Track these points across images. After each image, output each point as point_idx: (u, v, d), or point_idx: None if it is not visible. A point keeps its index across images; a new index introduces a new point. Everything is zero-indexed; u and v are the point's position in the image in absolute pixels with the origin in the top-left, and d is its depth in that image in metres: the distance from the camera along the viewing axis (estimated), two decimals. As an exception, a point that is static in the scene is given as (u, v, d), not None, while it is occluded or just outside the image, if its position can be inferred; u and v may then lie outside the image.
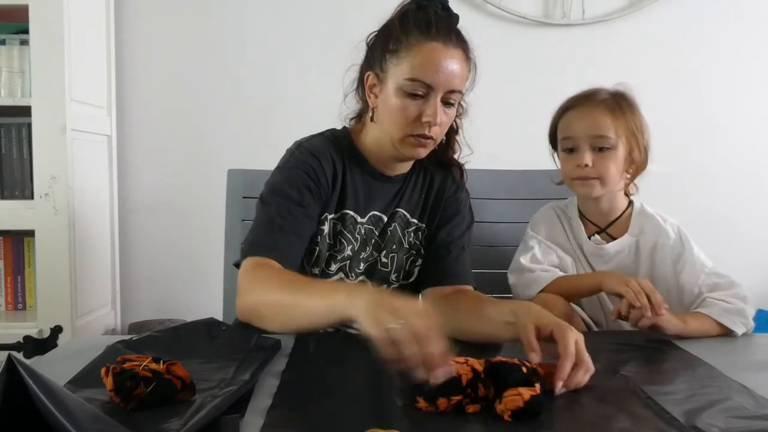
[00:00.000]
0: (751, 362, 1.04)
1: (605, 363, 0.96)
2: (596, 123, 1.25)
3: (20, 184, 2.00)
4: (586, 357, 0.84)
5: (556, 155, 1.34)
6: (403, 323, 0.74)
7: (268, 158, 1.20)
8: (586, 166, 1.24)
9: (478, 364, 0.77)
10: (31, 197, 1.95)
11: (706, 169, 2.37)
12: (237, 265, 1.10)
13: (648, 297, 1.10)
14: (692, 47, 2.35)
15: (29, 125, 1.93)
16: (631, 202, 1.33)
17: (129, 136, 2.31)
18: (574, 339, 0.85)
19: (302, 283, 1.01)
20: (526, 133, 2.28)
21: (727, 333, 1.16)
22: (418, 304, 0.83)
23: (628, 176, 1.29)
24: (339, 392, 0.84)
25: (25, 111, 1.92)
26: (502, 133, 2.29)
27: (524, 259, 1.29)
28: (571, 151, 1.27)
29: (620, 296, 1.14)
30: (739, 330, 1.16)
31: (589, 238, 1.31)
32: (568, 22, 2.31)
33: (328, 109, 1.24)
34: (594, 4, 2.31)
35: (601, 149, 1.24)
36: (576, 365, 0.83)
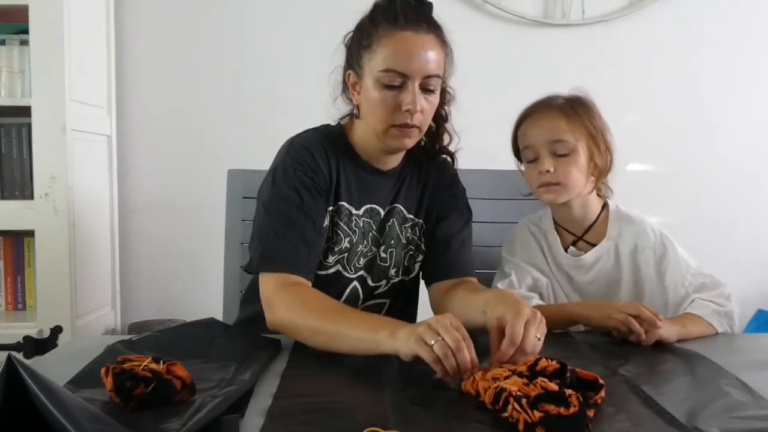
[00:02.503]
0: (751, 362, 1.03)
1: (605, 363, 0.96)
2: (552, 128, 1.24)
3: (20, 184, 2.00)
4: (529, 344, 0.87)
5: (522, 166, 1.33)
6: (439, 339, 0.83)
7: (268, 158, 1.20)
8: (548, 172, 1.23)
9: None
10: (31, 197, 1.95)
11: (706, 169, 2.37)
12: (248, 271, 1.13)
13: (638, 316, 1.09)
14: (692, 47, 2.35)
15: (29, 125, 1.93)
16: (605, 205, 1.32)
17: (129, 136, 2.31)
18: (521, 325, 0.87)
19: (343, 312, 1.02)
20: (526, 133, 2.29)
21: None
22: (447, 318, 0.86)
23: (594, 179, 1.27)
24: (339, 392, 0.84)
25: (25, 111, 1.92)
26: (502, 133, 2.26)
27: (501, 285, 1.28)
28: (533, 160, 1.27)
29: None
30: (721, 331, 1.18)
31: (566, 250, 1.30)
32: (568, 22, 2.31)
33: (327, 109, 1.24)
34: (594, 4, 2.31)
35: (561, 155, 1.23)
36: (517, 350, 0.87)
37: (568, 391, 0.71)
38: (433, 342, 0.83)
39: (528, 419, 0.68)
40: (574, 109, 1.26)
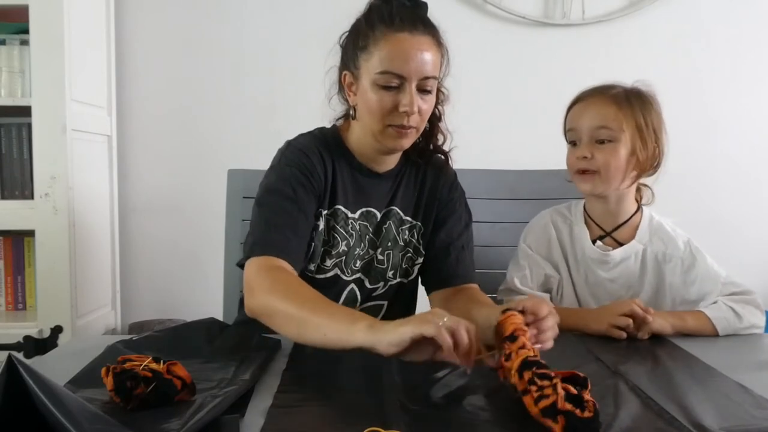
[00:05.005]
0: (751, 362, 1.04)
1: (605, 363, 0.96)
2: (599, 114, 1.22)
3: (20, 184, 2.00)
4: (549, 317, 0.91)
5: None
6: (443, 321, 0.80)
7: (268, 158, 1.21)
8: (585, 158, 1.22)
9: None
10: (31, 197, 1.95)
11: (707, 169, 2.37)
12: (240, 266, 1.11)
13: (632, 315, 1.12)
14: (692, 47, 2.35)
15: (29, 125, 1.93)
16: (640, 208, 1.31)
17: (129, 136, 2.31)
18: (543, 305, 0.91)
19: (322, 303, 0.98)
20: (526, 133, 2.29)
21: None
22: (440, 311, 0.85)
23: (634, 174, 1.25)
24: (339, 392, 0.84)
25: (25, 111, 1.92)
26: (502, 133, 2.29)
27: (517, 280, 1.28)
28: (574, 144, 1.26)
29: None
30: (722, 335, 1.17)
31: (594, 243, 1.29)
32: (568, 22, 2.31)
33: (325, 109, 1.24)
34: (594, 4, 2.31)
35: (602, 142, 1.22)
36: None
37: (586, 395, 0.71)
38: (439, 322, 0.80)
39: (558, 404, 0.69)
40: (629, 100, 1.24)
